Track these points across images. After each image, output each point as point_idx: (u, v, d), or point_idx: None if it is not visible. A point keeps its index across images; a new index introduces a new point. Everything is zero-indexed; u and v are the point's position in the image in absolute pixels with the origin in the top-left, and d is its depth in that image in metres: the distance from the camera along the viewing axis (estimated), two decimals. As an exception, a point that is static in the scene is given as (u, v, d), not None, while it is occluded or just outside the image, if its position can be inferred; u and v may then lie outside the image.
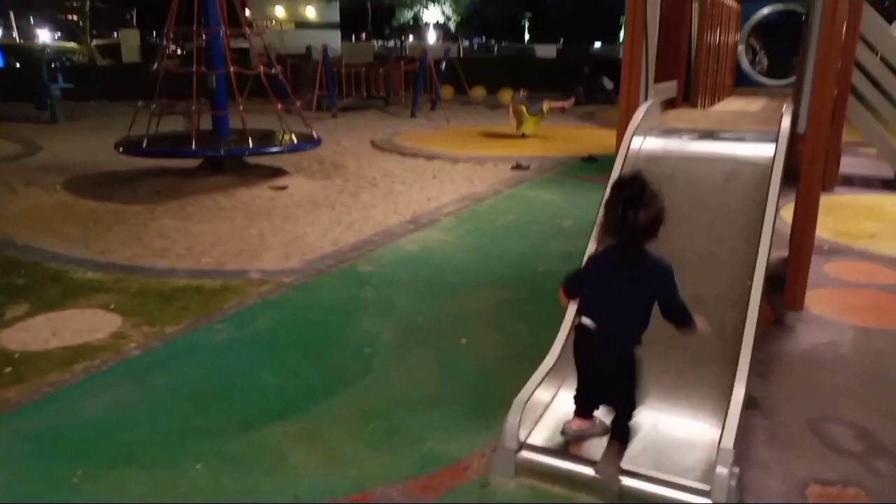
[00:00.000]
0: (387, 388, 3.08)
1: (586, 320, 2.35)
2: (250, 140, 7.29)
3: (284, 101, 8.05)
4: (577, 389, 2.55)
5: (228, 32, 7.64)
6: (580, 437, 2.50)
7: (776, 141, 3.15)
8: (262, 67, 7.70)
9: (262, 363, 3.34)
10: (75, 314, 3.94)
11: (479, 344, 3.55)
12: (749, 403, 2.90)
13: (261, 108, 7.97)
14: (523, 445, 2.43)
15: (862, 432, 2.75)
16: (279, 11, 32.61)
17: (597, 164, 8.73)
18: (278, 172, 7.87)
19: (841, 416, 2.88)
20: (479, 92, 17.21)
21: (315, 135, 7.95)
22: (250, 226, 5.84)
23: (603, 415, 2.54)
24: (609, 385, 2.42)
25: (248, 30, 7.76)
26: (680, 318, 2.31)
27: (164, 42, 8.00)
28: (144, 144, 7.26)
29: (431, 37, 37.66)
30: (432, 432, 2.72)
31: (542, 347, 2.83)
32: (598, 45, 35.36)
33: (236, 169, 7.66)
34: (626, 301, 2.32)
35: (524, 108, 11.08)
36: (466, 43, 38.59)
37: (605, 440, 2.45)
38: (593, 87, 17.68)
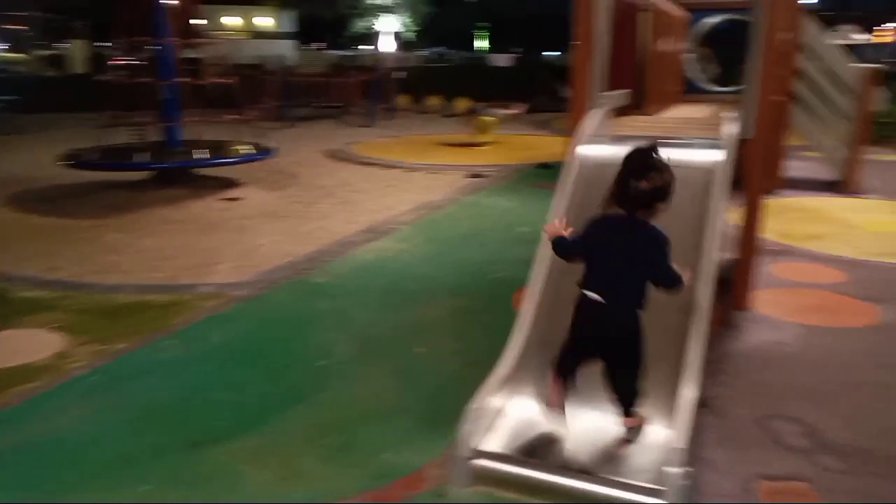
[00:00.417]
0: (342, 401, 3.04)
1: (593, 294, 2.41)
2: (201, 151, 7.16)
3: (238, 111, 7.95)
4: (560, 357, 2.55)
5: (179, 43, 7.51)
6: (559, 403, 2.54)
7: (722, 147, 3.23)
8: (213, 78, 7.59)
9: (213, 379, 3.27)
10: (18, 334, 3.80)
11: (437, 353, 3.54)
12: (699, 403, 2.96)
13: (213, 119, 7.86)
14: (478, 453, 2.42)
15: (809, 429, 2.83)
16: (234, 21, 32.22)
17: (552, 171, 8.82)
18: (232, 184, 7.76)
19: (788, 413, 2.95)
20: (435, 101, 17.25)
21: (268, 145, 7.87)
22: (202, 239, 5.73)
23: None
24: (615, 351, 2.49)
25: (198, 40, 7.65)
26: (672, 284, 2.41)
27: (113, 53, 7.84)
28: (92, 157, 7.07)
29: (389, 46, 37.65)
30: (388, 444, 2.70)
31: (499, 354, 2.83)
32: (555, 53, 35.85)
33: (188, 181, 7.52)
34: (629, 271, 2.40)
35: (487, 118, 11.23)
36: (424, 52, 38.67)
37: (563, 443, 2.49)
38: (551, 94, 17.90)
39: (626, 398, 2.51)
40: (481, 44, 48.45)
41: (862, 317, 4.06)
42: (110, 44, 7.97)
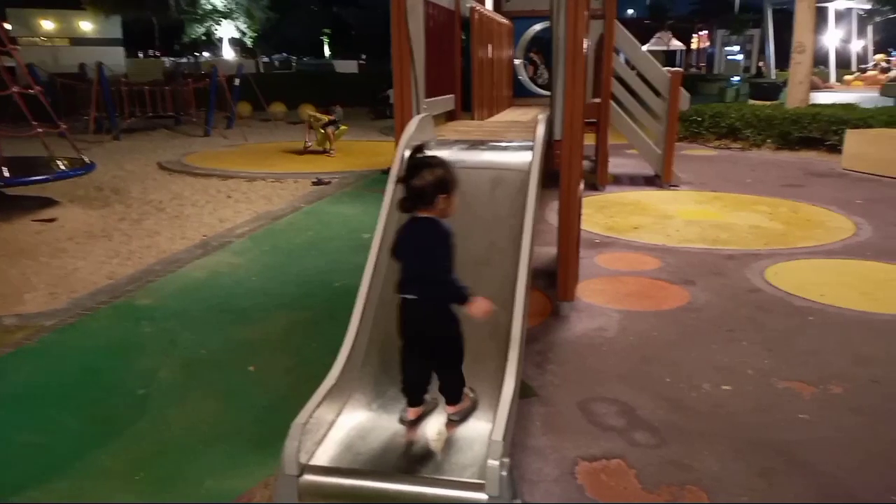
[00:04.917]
0: (162, 431, 2.85)
1: (406, 294, 2.48)
2: (5, 169, 6.46)
3: (48, 124, 7.26)
4: (402, 382, 2.60)
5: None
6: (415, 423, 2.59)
7: (533, 148, 3.39)
8: (15, 87, 6.87)
9: (17, 422, 2.94)
10: None
11: (270, 370, 3.42)
12: (527, 393, 3.09)
13: (22, 134, 7.12)
14: (306, 468, 2.36)
15: (624, 408, 3.03)
16: (47, 25, 29.49)
17: (396, 176, 8.88)
18: (47, 203, 7.07)
19: (607, 395, 3.15)
20: (278, 108, 16.83)
21: (86, 160, 7.26)
22: (9, 266, 5.17)
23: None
24: (434, 345, 2.55)
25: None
26: (442, 280, 2.44)
27: None
28: None
29: (228, 53, 36.23)
30: (212, 470, 2.56)
31: (334, 366, 2.77)
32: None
33: (-7, 203, 6.76)
34: (427, 267, 2.46)
35: (322, 126, 11.08)
36: (266, 59, 37.59)
37: (395, 447, 2.49)
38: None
39: (449, 389, 2.58)
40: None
41: (674, 299, 4.43)
42: None
